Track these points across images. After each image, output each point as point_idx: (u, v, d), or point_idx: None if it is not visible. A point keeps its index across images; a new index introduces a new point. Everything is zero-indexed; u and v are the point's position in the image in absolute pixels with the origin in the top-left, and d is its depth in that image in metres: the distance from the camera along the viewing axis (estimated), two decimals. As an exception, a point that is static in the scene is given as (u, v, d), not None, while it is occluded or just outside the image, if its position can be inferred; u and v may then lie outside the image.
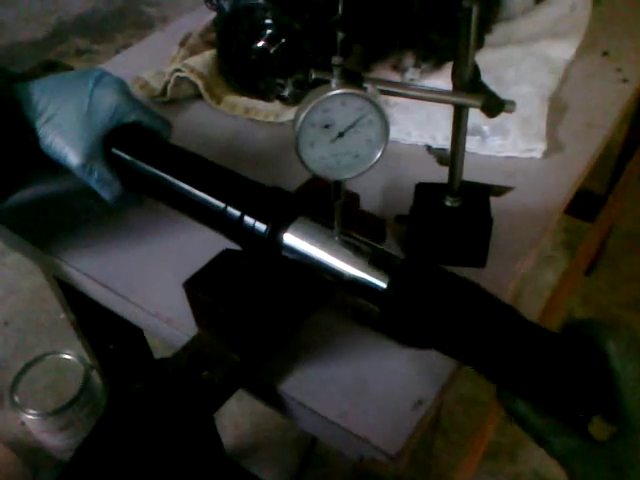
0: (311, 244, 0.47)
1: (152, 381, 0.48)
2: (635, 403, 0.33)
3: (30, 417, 1.21)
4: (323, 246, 0.46)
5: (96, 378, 1.25)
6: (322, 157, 0.41)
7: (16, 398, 1.23)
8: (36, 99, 0.55)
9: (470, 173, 0.57)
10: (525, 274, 0.61)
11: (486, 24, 0.86)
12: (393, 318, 0.44)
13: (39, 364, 1.28)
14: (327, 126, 0.40)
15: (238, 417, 1.42)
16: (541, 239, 0.63)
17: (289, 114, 0.79)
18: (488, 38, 0.85)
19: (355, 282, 0.45)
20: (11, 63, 2.57)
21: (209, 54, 0.84)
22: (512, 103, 0.49)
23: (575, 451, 0.36)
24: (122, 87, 0.59)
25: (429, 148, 0.74)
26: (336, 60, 0.38)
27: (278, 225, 0.48)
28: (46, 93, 0.56)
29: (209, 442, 0.48)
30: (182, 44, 0.89)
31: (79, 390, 1.21)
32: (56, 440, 1.27)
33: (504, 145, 0.72)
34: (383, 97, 0.72)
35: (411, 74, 0.81)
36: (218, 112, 0.82)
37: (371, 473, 0.51)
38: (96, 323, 0.89)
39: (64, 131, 0.55)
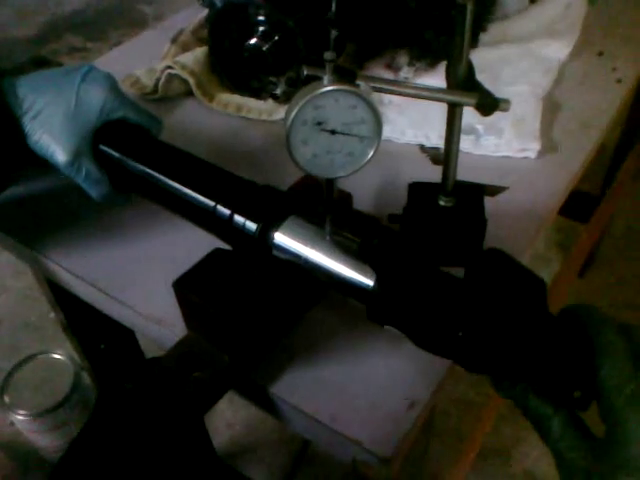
0: (302, 244, 0.46)
1: (142, 381, 0.48)
2: (622, 403, 0.33)
3: (20, 417, 1.20)
4: (314, 246, 0.46)
5: (87, 378, 1.24)
6: (314, 155, 0.40)
7: (6, 398, 1.21)
8: (23, 95, 0.54)
9: (464, 173, 0.57)
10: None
11: (481, 22, 0.85)
12: (379, 316, 0.43)
13: (29, 364, 1.27)
14: (319, 123, 0.39)
15: (231, 418, 1.41)
16: (535, 239, 0.63)
17: (282, 112, 0.78)
18: (483, 37, 0.84)
19: (344, 281, 0.44)
20: (3, 60, 2.55)
21: (200, 51, 0.83)
22: (507, 101, 0.48)
23: (568, 438, 0.35)
24: (110, 82, 0.58)
25: (423, 147, 0.74)
26: (329, 55, 0.37)
27: (269, 224, 0.47)
28: (33, 89, 0.55)
29: (199, 442, 0.48)
30: (174, 41, 0.88)
31: (70, 390, 1.20)
32: (47, 441, 1.25)
33: (498, 145, 0.71)
34: (377, 95, 0.72)
35: (405, 73, 0.81)
36: (210, 110, 0.81)
37: (366, 474, 0.50)
38: (86, 323, 0.88)
39: (51, 128, 0.54)
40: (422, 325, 0.41)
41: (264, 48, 0.75)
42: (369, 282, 0.43)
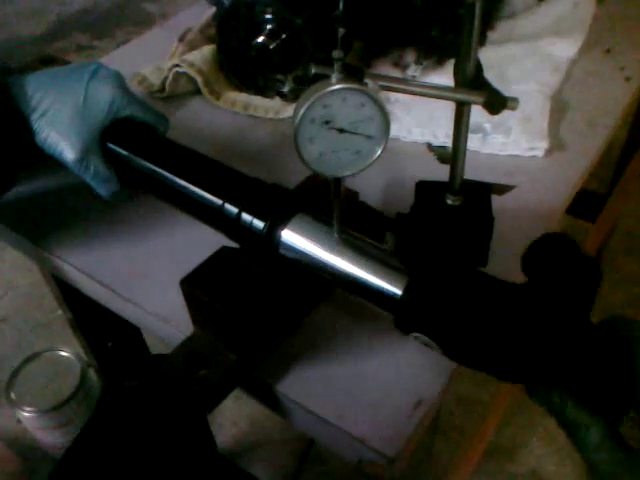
0: (310, 241, 0.46)
1: (146, 379, 0.48)
2: None
3: (26, 414, 1.20)
4: (322, 244, 0.46)
5: (93, 375, 1.24)
6: (321, 153, 0.40)
7: (12, 395, 1.22)
8: (31, 93, 0.55)
9: (471, 171, 0.56)
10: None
11: (489, 21, 0.85)
12: (409, 324, 0.42)
13: (36, 361, 1.28)
14: (327, 122, 0.39)
15: (236, 416, 1.41)
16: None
17: (289, 110, 0.78)
18: (490, 35, 0.84)
19: (358, 283, 0.44)
20: (11, 59, 2.56)
21: (208, 49, 0.83)
22: (515, 100, 0.48)
23: (605, 449, 0.35)
24: (118, 80, 0.58)
25: (430, 146, 0.74)
26: (336, 54, 0.37)
27: (276, 222, 0.47)
28: (41, 87, 0.55)
29: (202, 441, 0.48)
30: (181, 39, 0.88)
31: (76, 387, 1.21)
32: (53, 437, 1.26)
33: (506, 143, 0.71)
34: (384, 94, 0.72)
35: (412, 71, 0.80)
36: (217, 108, 0.81)
37: (371, 473, 0.50)
38: (93, 321, 0.88)
39: (59, 126, 0.54)
40: (462, 336, 0.39)
41: (271, 46, 0.75)
42: (394, 288, 0.42)
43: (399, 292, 0.42)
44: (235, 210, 0.49)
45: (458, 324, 0.39)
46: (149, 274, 0.60)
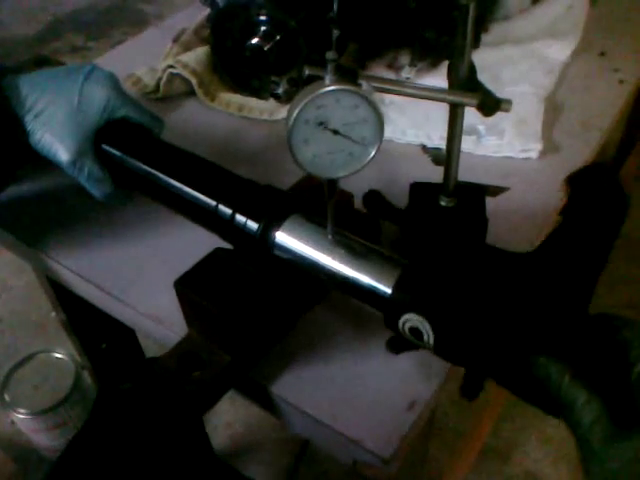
0: (303, 243, 0.46)
1: (141, 381, 0.48)
2: None
3: (20, 416, 1.20)
4: (315, 245, 0.46)
5: (87, 377, 1.24)
6: (315, 155, 0.40)
7: (6, 397, 1.21)
8: (25, 94, 0.54)
9: (465, 173, 0.57)
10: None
11: (483, 23, 0.85)
12: (399, 312, 0.42)
13: (30, 363, 1.27)
14: (321, 123, 0.39)
15: (230, 417, 1.41)
16: (537, 240, 0.63)
17: (283, 112, 0.78)
18: (485, 37, 0.84)
19: (351, 284, 0.44)
20: (5, 59, 2.55)
21: (202, 50, 0.83)
22: (508, 102, 0.48)
23: (600, 425, 0.34)
24: (113, 82, 0.58)
25: (424, 147, 0.74)
26: (330, 55, 0.37)
27: (270, 223, 0.47)
28: (36, 88, 0.55)
29: (198, 442, 0.48)
30: (175, 40, 0.88)
31: (70, 389, 1.20)
32: (47, 439, 1.25)
33: (500, 145, 0.71)
34: (378, 95, 0.72)
35: (407, 72, 0.81)
36: (211, 109, 0.81)
37: (366, 474, 0.50)
38: (88, 322, 0.88)
39: (53, 127, 0.54)
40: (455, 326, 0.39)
41: (266, 48, 0.75)
42: (383, 287, 0.42)
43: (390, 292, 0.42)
44: (229, 211, 0.49)
45: (450, 325, 0.39)
46: (144, 275, 0.60)
